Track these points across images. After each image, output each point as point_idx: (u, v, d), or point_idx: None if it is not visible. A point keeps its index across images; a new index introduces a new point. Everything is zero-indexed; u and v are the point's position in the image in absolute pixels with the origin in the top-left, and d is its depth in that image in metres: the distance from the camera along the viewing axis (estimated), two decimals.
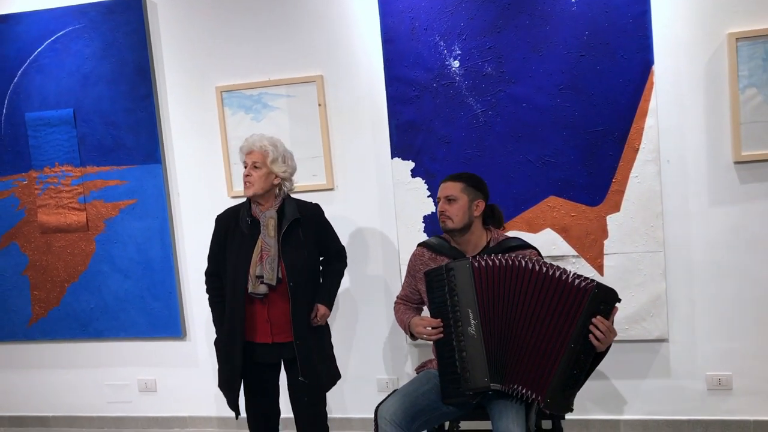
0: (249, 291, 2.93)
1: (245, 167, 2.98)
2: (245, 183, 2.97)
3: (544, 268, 2.45)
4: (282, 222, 2.97)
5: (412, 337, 2.76)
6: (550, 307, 2.44)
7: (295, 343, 2.95)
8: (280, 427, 3.27)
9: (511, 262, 2.49)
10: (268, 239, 2.93)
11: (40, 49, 4.13)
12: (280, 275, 2.93)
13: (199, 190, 4.07)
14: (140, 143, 4.07)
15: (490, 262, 2.51)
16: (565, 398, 2.43)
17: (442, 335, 2.56)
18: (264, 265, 2.90)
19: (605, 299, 2.39)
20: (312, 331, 3.03)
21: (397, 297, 3.04)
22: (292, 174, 3.07)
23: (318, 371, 3.03)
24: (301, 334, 2.96)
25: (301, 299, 2.97)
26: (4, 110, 4.25)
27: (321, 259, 3.19)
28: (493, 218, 2.85)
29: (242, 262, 2.95)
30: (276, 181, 3.00)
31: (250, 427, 3.18)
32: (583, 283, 2.40)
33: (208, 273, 3.17)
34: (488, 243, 2.75)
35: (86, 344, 4.38)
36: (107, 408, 4.43)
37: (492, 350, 2.50)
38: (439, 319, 2.57)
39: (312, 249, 3.05)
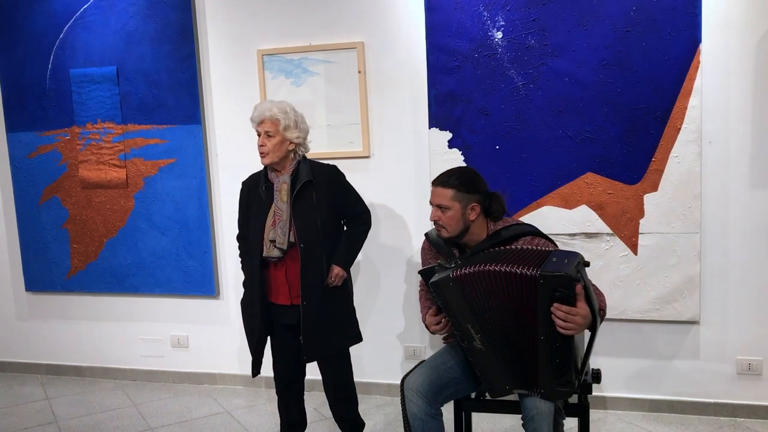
0: (264, 255, 2.99)
1: (258, 136, 3.00)
2: (261, 153, 2.99)
3: (514, 267, 2.29)
4: (294, 185, 2.98)
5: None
6: (517, 303, 2.32)
7: (302, 304, 2.97)
8: (306, 387, 3.33)
9: (487, 269, 2.32)
10: (280, 204, 2.97)
11: (86, 6, 4.19)
12: (291, 239, 2.96)
13: (237, 152, 4.12)
14: (181, 103, 4.11)
15: (470, 272, 2.34)
16: (561, 385, 2.34)
17: (447, 329, 2.53)
18: (276, 229, 2.95)
19: (557, 285, 2.22)
20: (326, 293, 3.02)
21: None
22: (305, 137, 3.06)
23: (320, 335, 3.02)
24: (309, 295, 2.97)
25: (312, 261, 2.98)
26: (50, 65, 4.32)
27: (344, 221, 3.18)
28: (491, 209, 2.63)
29: (258, 226, 3.02)
30: (291, 147, 3.01)
31: (276, 386, 3.25)
32: (530, 273, 2.24)
33: (239, 238, 3.24)
34: (488, 235, 2.63)
35: (122, 298, 4.50)
36: (140, 361, 4.55)
37: (504, 359, 2.42)
38: (442, 315, 2.51)
39: (327, 211, 3.02)
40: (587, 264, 2.39)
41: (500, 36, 3.54)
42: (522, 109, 3.55)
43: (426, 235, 2.81)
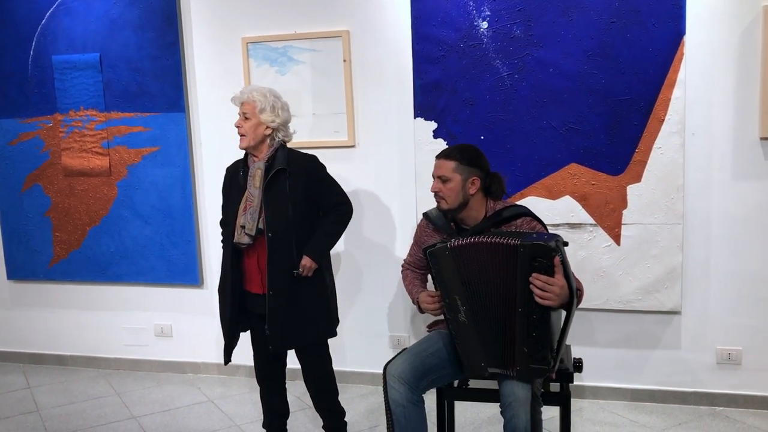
0: (234, 241, 2.98)
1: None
2: (239, 135, 2.99)
3: (500, 238, 2.37)
4: (268, 172, 2.96)
5: (420, 310, 2.76)
6: (502, 275, 2.38)
7: (268, 293, 2.95)
8: (288, 376, 3.33)
9: (479, 240, 2.41)
10: (252, 190, 2.95)
11: None
12: (261, 226, 2.94)
13: (222, 141, 4.09)
14: (165, 91, 4.08)
15: (466, 243, 2.43)
16: (537, 361, 2.37)
17: (443, 306, 2.55)
18: (246, 215, 2.94)
19: (536, 254, 2.29)
20: (295, 283, 2.98)
21: (404, 261, 3.03)
22: (283, 124, 3.02)
23: (287, 327, 2.99)
24: (275, 285, 2.95)
25: (279, 250, 2.94)
26: (32, 52, 4.27)
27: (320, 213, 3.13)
28: (491, 188, 2.69)
29: (233, 212, 3.01)
30: (267, 132, 2.98)
31: (256, 375, 3.24)
32: (512, 242, 2.35)
33: (221, 223, 3.21)
34: (486, 214, 2.67)
35: (105, 287, 4.47)
36: (124, 350, 4.54)
37: (484, 335, 2.46)
38: (438, 293, 2.54)
39: (299, 200, 2.97)
40: (566, 244, 2.44)
41: (486, 26, 3.53)
42: (507, 99, 3.55)
43: (425, 214, 2.86)
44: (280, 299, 2.96)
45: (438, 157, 2.70)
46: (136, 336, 4.49)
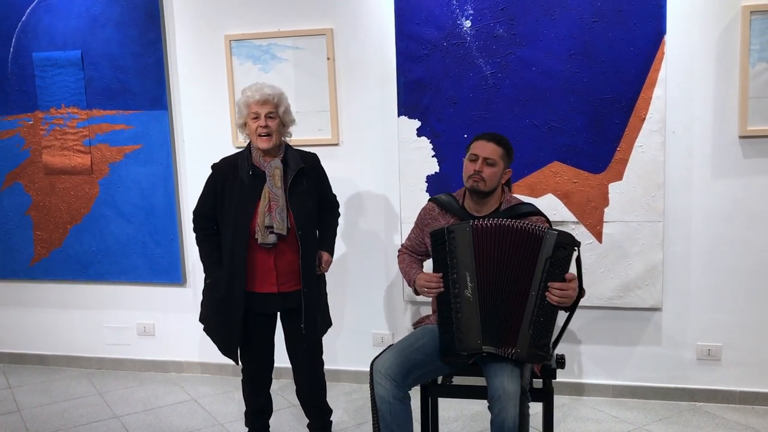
0: (259, 242, 2.93)
1: (257, 118, 2.92)
2: (262, 135, 2.91)
3: (519, 225, 2.48)
4: (287, 172, 2.97)
5: (416, 292, 2.79)
6: (520, 259, 2.49)
7: (303, 291, 2.98)
8: (274, 376, 3.32)
9: (505, 224, 2.50)
10: (275, 189, 2.93)
11: None
12: (289, 224, 2.94)
13: (205, 138, 4.08)
14: (147, 89, 4.06)
15: (489, 225, 2.52)
16: (537, 347, 2.46)
17: (442, 289, 2.59)
18: (273, 215, 2.91)
19: (561, 241, 2.43)
20: (316, 279, 3.08)
21: (402, 246, 3.06)
22: (293, 122, 3.10)
23: (316, 320, 3.08)
24: (309, 282, 3.01)
25: (309, 247, 3.00)
26: (12, 49, 4.23)
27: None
28: (508, 183, 2.87)
29: (245, 213, 2.94)
30: (284, 131, 3.02)
31: (245, 374, 3.22)
32: (539, 229, 2.45)
33: (197, 213, 3.11)
34: (499, 206, 2.74)
35: (87, 286, 4.44)
36: (106, 349, 4.50)
37: (486, 313, 2.52)
38: (440, 274, 2.60)
39: (314, 198, 3.07)
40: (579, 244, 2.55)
41: (469, 25, 3.55)
42: (490, 98, 3.57)
43: (434, 198, 2.89)
44: (311, 295, 3.03)
45: (485, 138, 2.74)
46: (119, 335, 4.46)
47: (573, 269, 2.50)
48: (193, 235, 3.06)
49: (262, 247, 2.96)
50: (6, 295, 4.61)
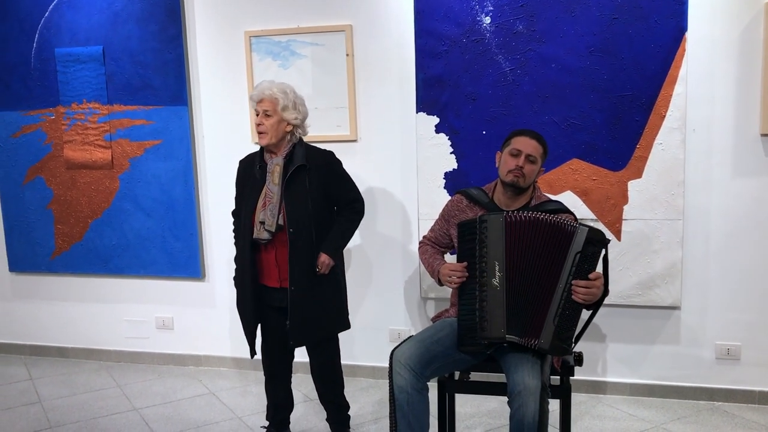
0: (254, 236, 2.99)
1: (257, 115, 2.98)
2: (258, 132, 2.98)
3: (558, 221, 2.50)
4: (287, 168, 2.98)
5: (439, 282, 2.81)
6: (550, 251, 2.51)
7: (290, 288, 2.98)
8: (293, 369, 3.34)
9: (539, 217, 2.52)
10: (271, 186, 2.96)
11: None
12: (281, 222, 2.95)
13: (224, 134, 4.11)
14: (167, 84, 4.09)
15: (523, 217, 2.53)
16: (561, 340, 2.47)
17: (466, 278, 2.60)
18: (266, 211, 2.95)
19: (592, 237, 2.45)
20: (313, 279, 3.02)
21: (424, 237, 3.05)
22: (303, 120, 3.05)
23: (307, 321, 3.02)
24: (297, 280, 2.97)
25: (300, 246, 2.97)
26: (35, 44, 4.28)
27: (335, 208, 3.17)
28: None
29: (250, 207, 3.02)
30: (288, 129, 2.99)
31: (264, 368, 3.26)
32: (571, 224, 2.48)
33: (233, 213, 3.24)
34: (529, 202, 2.77)
35: (107, 280, 4.49)
36: (125, 343, 4.55)
37: (512, 303, 2.53)
38: (465, 263, 2.61)
39: (318, 196, 3.01)
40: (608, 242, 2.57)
41: (488, 21, 3.54)
42: (509, 94, 3.57)
43: (463, 190, 2.91)
44: (301, 294, 2.99)
45: (529, 135, 2.75)
46: (138, 328, 4.50)
47: (599, 268, 2.51)
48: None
49: (258, 242, 3.01)
50: (27, 288, 4.67)
